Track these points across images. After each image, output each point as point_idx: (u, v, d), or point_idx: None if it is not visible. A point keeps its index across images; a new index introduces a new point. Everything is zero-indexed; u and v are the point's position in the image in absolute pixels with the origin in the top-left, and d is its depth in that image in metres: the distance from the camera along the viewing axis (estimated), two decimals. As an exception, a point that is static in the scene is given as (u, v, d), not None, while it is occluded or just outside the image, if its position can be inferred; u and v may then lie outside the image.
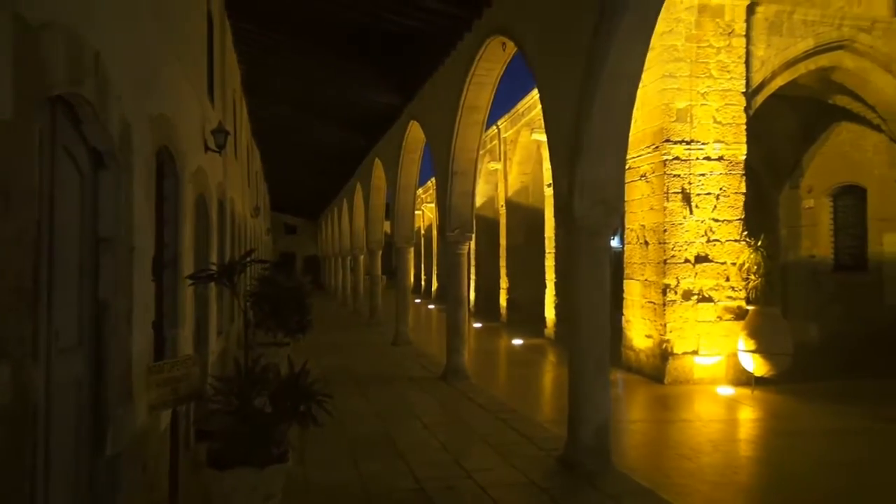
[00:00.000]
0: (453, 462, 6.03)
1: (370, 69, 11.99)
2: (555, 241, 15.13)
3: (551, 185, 7.33)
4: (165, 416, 4.61)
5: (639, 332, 10.76)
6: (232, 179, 10.65)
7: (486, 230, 20.60)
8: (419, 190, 25.82)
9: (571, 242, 6.04)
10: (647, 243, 10.59)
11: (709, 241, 10.18)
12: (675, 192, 10.12)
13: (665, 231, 10.11)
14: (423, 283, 32.78)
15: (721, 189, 10.24)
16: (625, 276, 11.19)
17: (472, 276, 21.39)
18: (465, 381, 9.92)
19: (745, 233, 10.24)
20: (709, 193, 10.20)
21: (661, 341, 10.06)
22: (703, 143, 10.16)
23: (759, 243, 10.02)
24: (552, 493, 5.20)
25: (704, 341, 10.03)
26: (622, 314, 11.12)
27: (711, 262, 10.16)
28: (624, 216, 9.97)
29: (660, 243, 10.21)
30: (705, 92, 10.20)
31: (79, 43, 2.95)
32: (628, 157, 9.69)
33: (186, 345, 5.84)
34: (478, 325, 18.04)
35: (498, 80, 9.52)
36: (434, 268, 29.49)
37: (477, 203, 18.08)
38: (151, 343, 4.52)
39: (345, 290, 27.32)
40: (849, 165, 13.29)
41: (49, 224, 2.86)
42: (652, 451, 6.92)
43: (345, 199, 25.16)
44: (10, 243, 2.34)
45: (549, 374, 11.58)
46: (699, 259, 10.13)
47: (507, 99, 34.13)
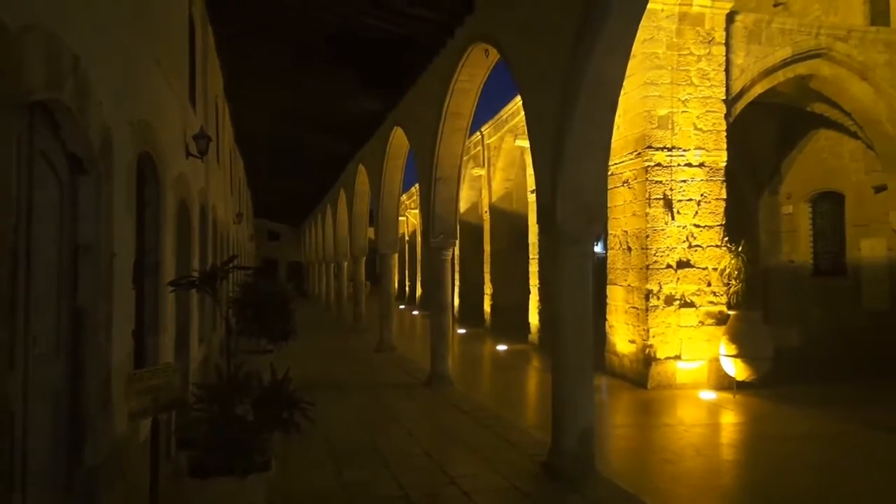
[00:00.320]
0: (437, 469, 6.02)
1: (353, 75, 11.97)
2: (538, 247, 15.18)
3: (535, 191, 7.36)
4: (146, 425, 4.55)
5: (622, 337, 10.82)
6: (214, 185, 10.57)
7: (470, 236, 20.58)
8: (403, 196, 25.84)
9: (554, 248, 6.06)
10: (629, 249, 10.67)
11: (690, 246, 10.28)
12: (656, 199, 10.21)
13: (647, 237, 10.19)
14: (407, 289, 32.71)
15: (702, 195, 10.36)
16: (608, 281, 11.26)
17: (457, 282, 21.39)
18: (449, 387, 9.90)
19: (726, 238, 10.35)
20: (690, 199, 10.31)
21: (645, 346, 10.12)
22: (684, 150, 10.27)
23: (740, 249, 10.14)
24: (536, 499, 5.22)
25: (686, 346, 10.12)
26: (606, 319, 11.19)
27: (693, 267, 10.26)
28: (607, 222, 10.04)
29: (642, 249, 10.29)
30: (686, 99, 10.32)
31: (58, 47, 2.92)
32: (611, 163, 9.78)
33: (167, 352, 5.79)
34: (462, 331, 18.03)
35: (481, 87, 9.55)
36: (418, 274, 29.45)
37: (461, 209, 18.11)
38: (132, 351, 4.46)
39: (329, 296, 27.24)
40: (827, 172, 13.51)
41: (27, 230, 2.82)
42: (636, 456, 6.95)
43: (329, 206, 25.09)
44: (-14, 250, 2.31)
45: (534, 380, 11.61)
46: (681, 264, 10.22)
47: (490, 105, 34.29)
